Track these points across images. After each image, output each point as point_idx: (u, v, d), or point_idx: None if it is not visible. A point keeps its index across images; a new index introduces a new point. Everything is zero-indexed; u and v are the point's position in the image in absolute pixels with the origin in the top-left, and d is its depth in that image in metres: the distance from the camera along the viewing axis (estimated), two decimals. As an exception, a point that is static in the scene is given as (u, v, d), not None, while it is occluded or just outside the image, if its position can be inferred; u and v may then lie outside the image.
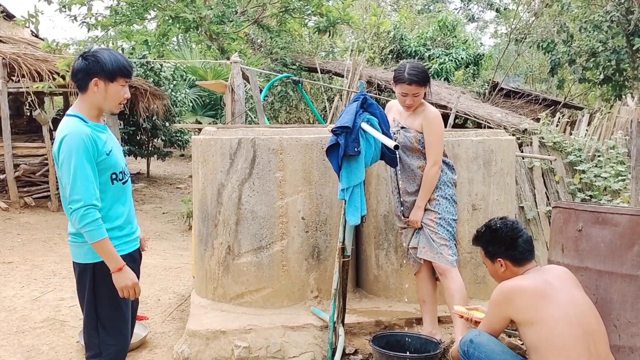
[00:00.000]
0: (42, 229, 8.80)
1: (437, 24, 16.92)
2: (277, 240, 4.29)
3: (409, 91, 3.76)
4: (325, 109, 12.80)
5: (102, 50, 2.76)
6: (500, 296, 2.93)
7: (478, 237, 3.23)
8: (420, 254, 3.87)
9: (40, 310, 5.05)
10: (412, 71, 3.74)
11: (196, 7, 10.43)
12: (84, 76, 2.72)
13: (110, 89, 2.76)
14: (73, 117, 2.73)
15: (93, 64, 2.71)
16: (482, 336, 2.98)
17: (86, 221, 2.58)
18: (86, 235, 2.62)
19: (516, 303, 2.87)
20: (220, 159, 4.36)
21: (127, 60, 2.82)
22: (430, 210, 3.82)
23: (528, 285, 2.90)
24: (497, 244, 3.10)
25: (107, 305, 2.77)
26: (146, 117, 12.60)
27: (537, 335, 2.78)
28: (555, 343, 2.74)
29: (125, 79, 2.79)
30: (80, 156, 2.60)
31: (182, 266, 6.78)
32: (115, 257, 2.67)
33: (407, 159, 3.87)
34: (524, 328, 2.85)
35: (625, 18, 10.60)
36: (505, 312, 2.91)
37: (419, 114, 3.85)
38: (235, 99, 7.83)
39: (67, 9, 10.73)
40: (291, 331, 4.00)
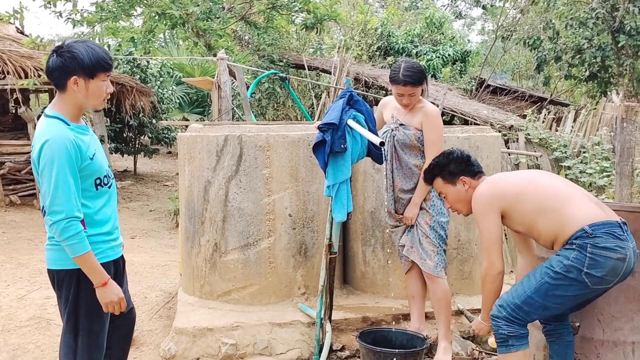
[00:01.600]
0: (28, 227, 8.73)
1: (424, 20, 16.95)
2: (264, 237, 4.29)
3: (404, 92, 3.74)
4: (313, 105, 12.80)
5: (77, 44, 2.51)
6: (485, 199, 3.00)
7: (435, 166, 3.28)
8: (408, 253, 3.88)
9: (26, 308, 5.02)
10: (406, 72, 3.70)
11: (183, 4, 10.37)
12: (62, 75, 2.49)
13: (92, 86, 2.54)
14: (53, 118, 2.52)
15: (70, 60, 2.47)
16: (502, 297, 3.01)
17: (68, 234, 2.42)
18: (68, 249, 2.46)
19: (499, 193, 2.99)
20: (206, 156, 4.34)
21: (106, 52, 2.59)
22: (425, 211, 3.81)
23: (500, 175, 3.21)
24: (456, 163, 3.20)
25: (89, 314, 2.61)
26: (133, 114, 12.54)
27: (532, 205, 2.92)
28: (558, 196, 2.90)
29: (106, 72, 2.58)
30: (62, 164, 2.42)
31: (169, 264, 6.76)
32: (100, 271, 2.52)
33: (405, 156, 3.83)
34: (516, 205, 2.95)
35: (611, 15, 10.67)
36: (496, 208, 2.97)
37: (418, 112, 3.82)
38: (222, 96, 7.81)
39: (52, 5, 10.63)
40: (278, 328, 4.01)
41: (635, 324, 3.20)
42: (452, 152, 3.25)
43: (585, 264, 2.75)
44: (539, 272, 2.89)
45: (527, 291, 2.87)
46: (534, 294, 2.85)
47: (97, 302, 2.60)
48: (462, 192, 3.18)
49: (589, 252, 2.75)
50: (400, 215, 3.90)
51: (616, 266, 2.76)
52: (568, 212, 2.85)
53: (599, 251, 2.74)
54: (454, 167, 3.20)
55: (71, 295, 2.58)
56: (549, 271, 2.84)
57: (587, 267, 2.75)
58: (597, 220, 2.79)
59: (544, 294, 2.84)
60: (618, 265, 2.76)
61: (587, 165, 7.81)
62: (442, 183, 3.24)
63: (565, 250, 2.83)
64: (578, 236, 2.79)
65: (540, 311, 2.89)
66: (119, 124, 13.17)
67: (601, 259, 2.74)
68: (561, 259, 2.82)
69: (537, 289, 2.84)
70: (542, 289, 2.84)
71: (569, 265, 2.78)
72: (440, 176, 3.24)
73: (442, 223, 3.82)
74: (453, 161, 3.21)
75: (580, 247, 2.76)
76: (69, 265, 2.56)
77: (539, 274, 2.88)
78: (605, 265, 2.75)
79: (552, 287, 2.82)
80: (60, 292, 2.63)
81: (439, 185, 3.27)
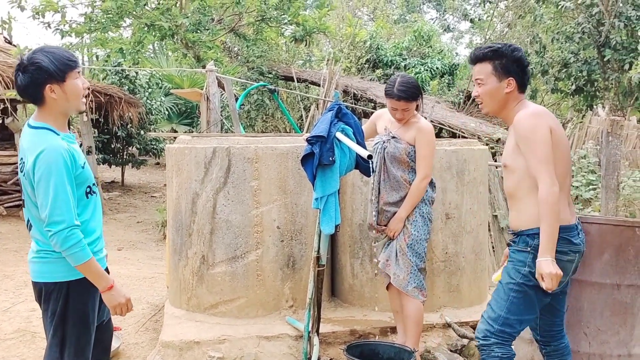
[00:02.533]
0: (14, 238, 8.65)
1: (412, 34, 17.09)
2: (252, 250, 4.27)
3: (398, 106, 3.73)
4: (302, 117, 12.82)
5: (37, 54, 2.47)
6: (546, 120, 2.78)
7: (493, 50, 2.89)
8: (383, 267, 3.87)
9: (11, 321, 4.96)
10: (401, 87, 3.69)
11: (172, 15, 10.41)
12: (35, 89, 2.47)
13: (68, 88, 2.51)
14: (42, 129, 2.50)
15: (37, 72, 2.44)
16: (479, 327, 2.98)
17: (71, 243, 2.40)
18: (71, 258, 2.44)
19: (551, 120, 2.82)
20: (194, 168, 4.34)
21: (66, 51, 2.57)
22: (405, 228, 3.78)
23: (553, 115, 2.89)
24: (517, 62, 2.89)
25: (77, 327, 2.59)
26: (121, 125, 12.50)
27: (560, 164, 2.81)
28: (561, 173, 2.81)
29: (76, 70, 2.54)
30: (60, 174, 2.40)
31: (156, 276, 6.71)
32: (105, 276, 2.53)
33: (393, 169, 3.81)
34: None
35: (596, 30, 10.82)
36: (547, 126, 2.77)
37: (412, 126, 3.80)
38: (210, 108, 7.82)
39: (41, 15, 10.62)
40: (266, 341, 3.99)
41: (620, 337, 3.22)
42: (519, 50, 2.92)
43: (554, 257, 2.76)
44: (502, 290, 2.90)
45: (502, 313, 2.87)
46: (508, 314, 2.86)
47: (85, 315, 2.59)
48: (501, 91, 2.89)
49: None
50: (383, 227, 3.87)
51: (566, 267, 2.81)
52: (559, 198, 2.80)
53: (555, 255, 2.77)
54: (512, 64, 2.88)
55: (59, 308, 2.56)
56: (512, 286, 2.86)
57: None
58: (562, 222, 2.78)
59: (516, 310, 2.86)
60: (567, 266, 2.82)
61: (574, 179, 7.86)
62: (490, 70, 2.90)
63: (520, 252, 2.85)
64: (536, 233, 2.77)
65: (519, 326, 2.91)
66: (106, 134, 13.12)
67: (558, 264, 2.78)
68: (518, 267, 2.85)
69: (509, 309, 2.86)
70: (513, 307, 2.85)
71: (527, 273, 2.81)
72: (492, 63, 2.89)
73: (420, 240, 3.78)
74: (515, 59, 2.88)
75: (536, 249, 2.77)
76: (58, 278, 2.55)
77: (503, 292, 2.89)
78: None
79: (520, 300, 2.84)
80: (47, 305, 2.60)
81: (484, 70, 2.91)
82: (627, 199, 6.96)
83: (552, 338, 3.09)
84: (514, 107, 2.90)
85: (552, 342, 3.10)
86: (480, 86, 2.93)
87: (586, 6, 10.64)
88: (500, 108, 2.93)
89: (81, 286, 2.56)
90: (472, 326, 4.24)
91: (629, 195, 6.97)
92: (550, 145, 2.73)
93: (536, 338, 3.17)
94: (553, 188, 2.70)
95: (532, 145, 2.74)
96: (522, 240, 2.86)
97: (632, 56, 10.46)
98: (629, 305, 3.23)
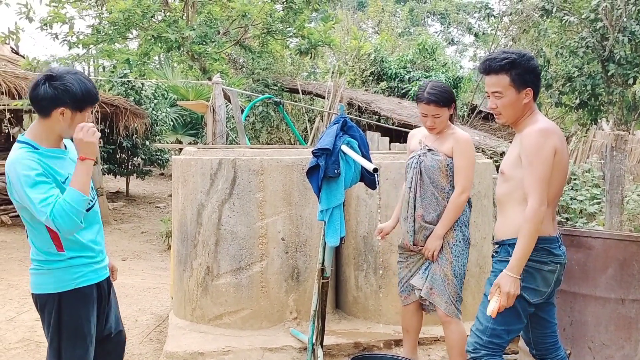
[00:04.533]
0: (19, 247, 8.67)
1: (417, 47, 17.17)
2: (257, 261, 4.29)
3: (427, 111, 3.54)
4: (307, 129, 12.86)
5: (69, 76, 2.52)
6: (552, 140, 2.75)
7: (509, 61, 2.82)
8: (427, 296, 3.60)
9: (16, 330, 4.97)
10: (432, 90, 3.52)
11: (179, 28, 10.49)
12: (50, 104, 2.49)
13: (77, 119, 2.54)
14: (22, 143, 2.53)
15: (62, 93, 2.48)
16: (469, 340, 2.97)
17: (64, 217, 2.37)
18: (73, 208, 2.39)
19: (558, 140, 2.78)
20: (200, 179, 4.36)
21: (94, 86, 2.63)
22: (448, 252, 3.56)
23: (560, 132, 2.85)
24: (533, 72, 2.85)
25: (72, 337, 2.60)
26: (126, 135, 12.56)
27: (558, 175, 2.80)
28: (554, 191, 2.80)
29: (93, 106, 2.61)
30: (28, 174, 2.40)
31: (160, 286, 6.72)
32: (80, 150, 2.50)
33: (432, 184, 3.58)
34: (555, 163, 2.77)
35: (600, 44, 10.86)
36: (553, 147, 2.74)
37: (448, 137, 3.59)
38: (216, 119, 7.86)
39: (49, 26, 10.71)
40: (270, 353, 3.99)
41: (625, 352, 3.21)
42: (533, 58, 2.88)
43: (521, 277, 2.74)
44: (487, 302, 2.87)
45: (488, 324, 2.86)
46: (495, 325, 2.85)
47: (79, 326, 2.60)
48: (520, 102, 2.85)
49: (525, 266, 2.75)
50: (419, 247, 3.64)
51: (547, 277, 2.81)
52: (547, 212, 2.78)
53: (532, 264, 2.77)
54: (529, 74, 2.84)
55: (53, 319, 2.58)
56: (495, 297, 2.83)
57: (522, 280, 2.76)
58: (543, 234, 2.78)
59: (502, 321, 2.83)
60: (548, 276, 2.81)
61: (578, 192, 7.86)
62: (508, 82, 2.84)
63: (502, 263, 2.83)
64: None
65: (507, 335, 2.90)
66: (112, 145, 13.17)
67: (534, 271, 2.79)
68: None
69: (495, 320, 2.83)
70: (499, 318, 2.82)
71: None
72: (509, 74, 2.82)
73: (464, 266, 3.57)
74: (531, 68, 2.84)
75: None
76: (51, 290, 2.58)
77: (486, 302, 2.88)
78: (536, 277, 2.80)
79: (505, 311, 2.80)
80: (43, 316, 2.63)
81: (501, 83, 2.85)
82: (631, 213, 6.96)
83: (547, 351, 3.05)
84: (527, 118, 2.88)
85: (547, 355, 3.06)
86: (498, 98, 2.87)
87: (590, 21, 10.69)
88: (518, 118, 2.90)
89: (73, 298, 2.58)
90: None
91: (633, 210, 6.97)
92: (550, 167, 2.73)
93: (532, 353, 3.13)
94: (541, 208, 2.70)
95: (534, 163, 2.73)
96: (504, 250, 2.86)
97: (636, 71, 10.50)
98: (634, 320, 3.23)
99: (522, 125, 2.87)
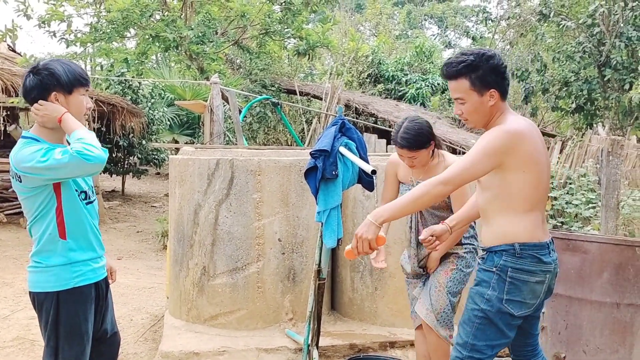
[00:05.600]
0: (14, 245, 8.64)
1: (414, 49, 17.21)
2: (253, 262, 4.29)
3: (403, 154, 3.36)
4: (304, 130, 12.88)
5: (53, 63, 2.55)
6: (508, 140, 2.54)
7: (465, 64, 2.61)
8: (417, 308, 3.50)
9: (10, 329, 4.96)
10: (405, 134, 3.28)
11: (177, 27, 10.49)
12: (40, 92, 2.51)
13: (72, 101, 2.55)
14: (29, 139, 2.54)
15: (47, 77, 2.50)
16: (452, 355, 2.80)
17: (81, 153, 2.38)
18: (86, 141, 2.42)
19: (521, 149, 2.55)
20: (197, 179, 4.36)
21: (82, 68, 2.62)
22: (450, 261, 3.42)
23: (532, 133, 2.62)
24: (494, 71, 2.61)
25: (69, 336, 2.60)
26: (122, 134, 12.53)
27: (524, 184, 2.58)
28: (537, 195, 2.62)
29: (84, 87, 2.60)
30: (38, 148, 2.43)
31: (155, 286, 6.71)
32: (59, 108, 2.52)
33: (431, 217, 3.45)
34: (512, 172, 2.57)
35: (597, 49, 10.91)
36: (502, 156, 2.54)
37: (438, 166, 3.39)
38: (214, 120, 7.85)
39: (47, 24, 10.70)
40: (265, 353, 3.99)
41: (620, 355, 3.23)
42: (494, 57, 2.63)
43: (505, 289, 2.61)
44: (467, 315, 2.73)
45: (468, 340, 2.70)
46: (475, 340, 2.69)
47: (76, 325, 2.60)
48: (485, 106, 2.64)
49: (509, 277, 2.60)
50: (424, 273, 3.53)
51: (535, 289, 2.63)
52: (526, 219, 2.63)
53: (518, 275, 2.60)
54: (490, 74, 2.61)
55: (50, 317, 2.58)
56: (476, 312, 2.68)
57: (507, 292, 2.61)
58: (533, 240, 2.62)
59: (482, 336, 2.68)
60: (536, 288, 2.63)
61: (573, 197, 7.88)
62: (468, 87, 2.63)
63: (485, 272, 2.67)
64: (503, 250, 2.61)
65: (490, 350, 2.73)
66: (108, 144, 13.13)
67: (520, 283, 2.60)
68: (482, 291, 2.67)
69: (475, 335, 2.68)
70: (479, 333, 2.68)
71: (491, 297, 2.63)
72: (468, 78, 2.62)
73: (461, 283, 3.41)
74: (492, 68, 2.61)
75: (501, 270, 2.61)
76: (49, 288, 2.57)
77: (468, 317, 2.72)
78: (522, 289, 2.61)
79: (486, 327, 2.67)
80: (40, 315, 2.62)
81: (461, 88, 2.64)
82: (626, 218, 6.98)
83: (526, 357, 2.94)
84: (497, 119, 2.68)
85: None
86: (462, 104, 2.68)
87: (587, 26, 10.73)
88: (487, 121, 2.70)
89: (71, 296, 2.57)
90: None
91: (628, 215, 6.99)
92: (484, 165, 2.54)
93: (511, 357, 3.00)
94: (445, 187, 2.55)
95: (471, 152, 2.58)
96: (489, 258, 2.68)
97: (633, 76, 10.54)
98: (629, 324, 3.25)
99: (494, 125, 2.68)
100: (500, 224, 2.65)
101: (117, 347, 2.94)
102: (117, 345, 2.94)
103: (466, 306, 2.74)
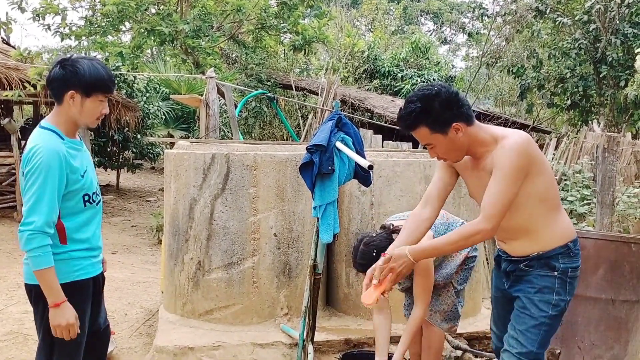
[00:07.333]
0: (7, 239, 8.60)
1: (410, 45, 17.19)
2: (249, 257, 4.28)
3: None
4: (300, 125, 12.86)
5: (82, 60, 2.51)
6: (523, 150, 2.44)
7: (416, 113, 2.50)
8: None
9: (3, 323, 4.93)
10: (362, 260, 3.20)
11: (172, 21, 10.44)
12: (60, 86, 2.49)
13: (87, 105, 2.52)
14: (47, 130, 2.52)
15: (70, 74, 2.47)
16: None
17: (33, 245, 2.37)
18: (31, 261, 2.40)
19: (533, 153, 2.49)
20: (193, 174, 4.34)
21: (109, 73, 2.57)
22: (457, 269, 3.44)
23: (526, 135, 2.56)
24: (448, 107, 2.49)
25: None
26: (117, 128, 12.48)
27: (548, 184, 2.55)
28: (557, 191, 2.63)
29: (105, 94, 2.56)
30: (49, 175, 2.40)
31: (150, 280, 6.70)
32: (57, 290, 2.44)
33: None
34: (535, 177, 2.50)
35: (593, 46, 10.93)
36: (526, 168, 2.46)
37: None
38: (209, 114, 7.83)
39: (41, 17, 10.63)
40: (260, 348, 3.99)
41: (614, 352, 3.24)
42: (439, 94, 2.49)
43: (567, 291, 2.58)
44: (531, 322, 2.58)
45: (533, 349, 2.56)
46: (540, 349, 2.58)
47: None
48: (455, 141, 2.53)
49: (569, 277, 2.57)
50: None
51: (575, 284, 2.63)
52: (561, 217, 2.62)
53: (575, 273, 2.60)
54: (444, 113, 2.48)
55: (46, 310, 2.54)
56: (543, 319, 2.57)
57: (568, 293, 2.59)
58: (574, 235, 2.61)
59: (546, 343, 2.60)
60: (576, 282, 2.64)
61: (568, 193, 7.90)
62: (429, 133, 2.52)
63: (543, 278, 2.57)
64: (560, 253, 2.57)
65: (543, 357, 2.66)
66: (103, 138, 13.09)
67: (575, 281, 2.61)
68: (547, 297, 2.57)
69: (541, 343, 2.57)
70: (545, 341, 2.59)
71: (558, 301, 2.57)
72: (425, 124, 2.51)
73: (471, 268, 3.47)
74: (441, 106, 2.48)
75: (563, 273, 2.55)
76: None
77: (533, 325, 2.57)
78: (576, 285, 2.62)
79: (551, 331, 2.60)
80: (37, 308, 2.59)
81: (424, 135, 2.55)
82: (621, 214, 7.00)
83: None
84: (481, 142, 2.56)
85: None
86: (433, 149, 2.58)
87: (583, 22, 10.74)
88: (467, 151, 2.60)
89: (71, 290, 2.54)
90: (466, 338, 4.24)
91: (622, 211, 7.02)
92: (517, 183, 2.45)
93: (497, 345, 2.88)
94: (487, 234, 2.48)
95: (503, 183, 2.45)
96: (543, 264, 2.58)
97: (628, 73, 10.57)
98: (624, 321, 3.26)
99: (479, 151, 2.59)
100: (545, 230, 2.58)
101: (107, 340, 2.95)
102: (107, 339, 2.95)
103: (524, 313, 2.60)
